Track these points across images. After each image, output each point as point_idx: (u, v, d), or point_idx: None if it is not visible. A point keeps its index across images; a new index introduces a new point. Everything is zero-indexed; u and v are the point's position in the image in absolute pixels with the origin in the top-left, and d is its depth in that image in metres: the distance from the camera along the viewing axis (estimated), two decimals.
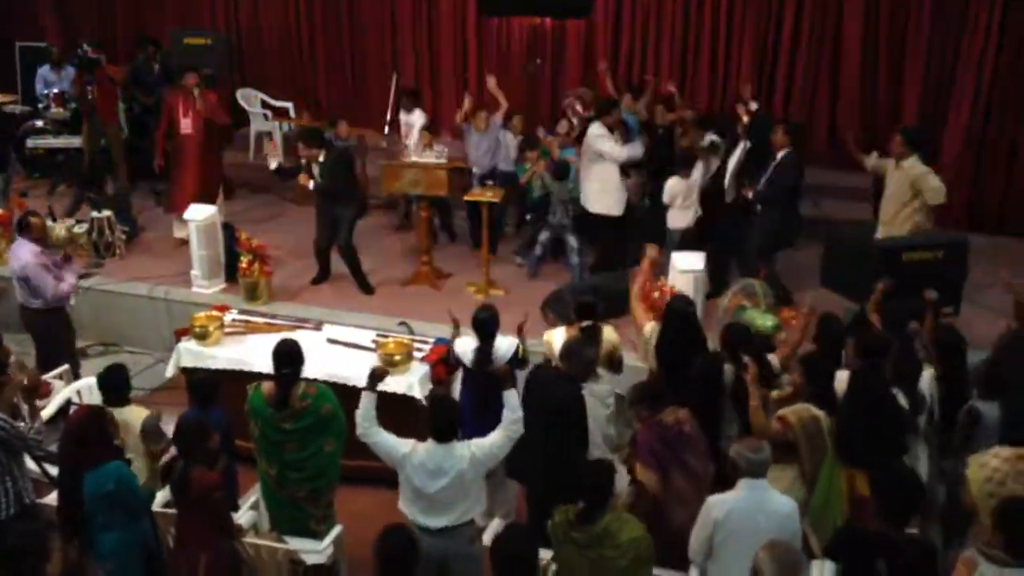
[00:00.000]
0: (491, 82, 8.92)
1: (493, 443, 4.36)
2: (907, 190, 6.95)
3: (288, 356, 4.76)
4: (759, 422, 4.70)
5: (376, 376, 4.52)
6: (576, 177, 8.40)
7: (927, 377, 5.04)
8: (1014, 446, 4.38)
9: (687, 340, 5.37)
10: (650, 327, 5.63)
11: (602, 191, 8.10)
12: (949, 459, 4.98)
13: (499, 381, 4.48)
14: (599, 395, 5.28)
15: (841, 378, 4.99)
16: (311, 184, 7.91)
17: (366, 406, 4.42)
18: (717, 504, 4.09)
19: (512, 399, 4.41)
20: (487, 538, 4.70)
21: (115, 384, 4.99)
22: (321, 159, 7.79)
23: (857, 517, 4.60)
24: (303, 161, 7.95)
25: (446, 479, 4.26)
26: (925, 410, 4.98)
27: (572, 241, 8.21)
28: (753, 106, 8.41)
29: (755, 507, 4.03)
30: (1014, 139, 9.26)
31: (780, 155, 7.46)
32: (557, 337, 5.53)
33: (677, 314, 5.49)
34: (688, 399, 4.82)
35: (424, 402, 5.82)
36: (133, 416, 4.95)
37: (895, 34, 9.61)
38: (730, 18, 10.27)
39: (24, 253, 6.41)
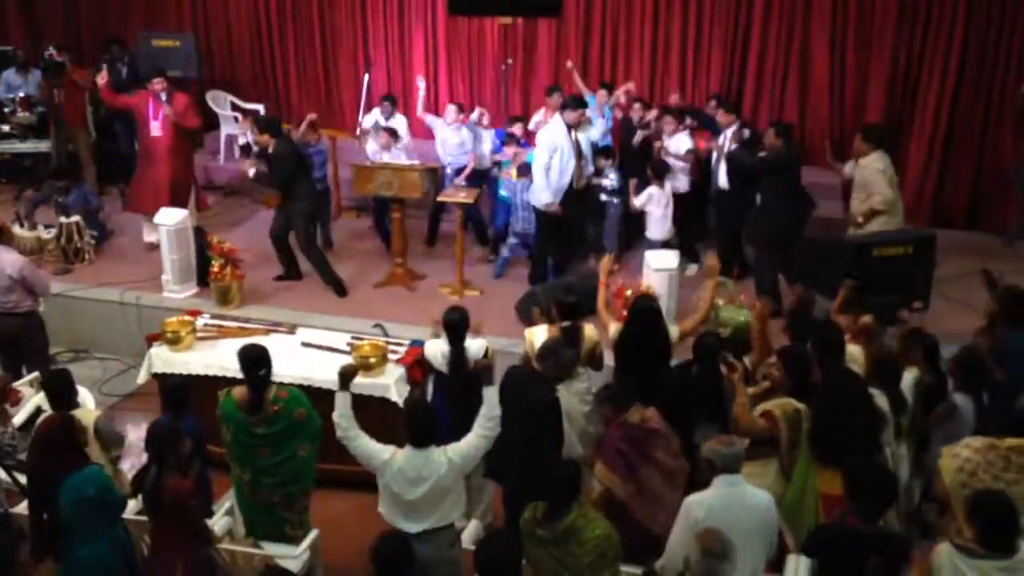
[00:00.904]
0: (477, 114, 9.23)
1: (470, 446, 4.35)
2: (861, 190, 7.14)
3: (258, 360, 4.72)
4: (746, 420, 4.71)
5: (347, 375, 4.49)
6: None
7: (908, 379, 5.04)
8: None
9: (652, 337, 5.36)
10: (615, 327, 5.59)
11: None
12: (927, 453, 5.02)
13: (479, 378, 4.46)
14: (578, 392, 5.29)
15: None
16: (251, 172, 7.91)
17: (342, 406, 4.39)
18: (696, 504, 4.10)
19: (492, 395, 4.40)
20: (466, 538, 4.70)
21: (61, 389, 4.91)
22: (271, 149, 7.77)
23: (828, 514, 4.64)
24: (255, 148, 7.95)
25: (426, 485, 4.24)
26: (907, 412, 4.97)
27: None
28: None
29: (733, 502, 4.06)
30: (980, 137, 9.40)
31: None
32: (539, 335, 5.50)
33: (642, 312, 5.47)
34: (657, 401, 4.84)
35: (401, 404, 5.80)
36: (83, 418, 4.88)
37: (861, 34, 9.71)
38: (699, 18, 10.34)
39: (11, 256, 6.45)
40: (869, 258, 6.31)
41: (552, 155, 7.73)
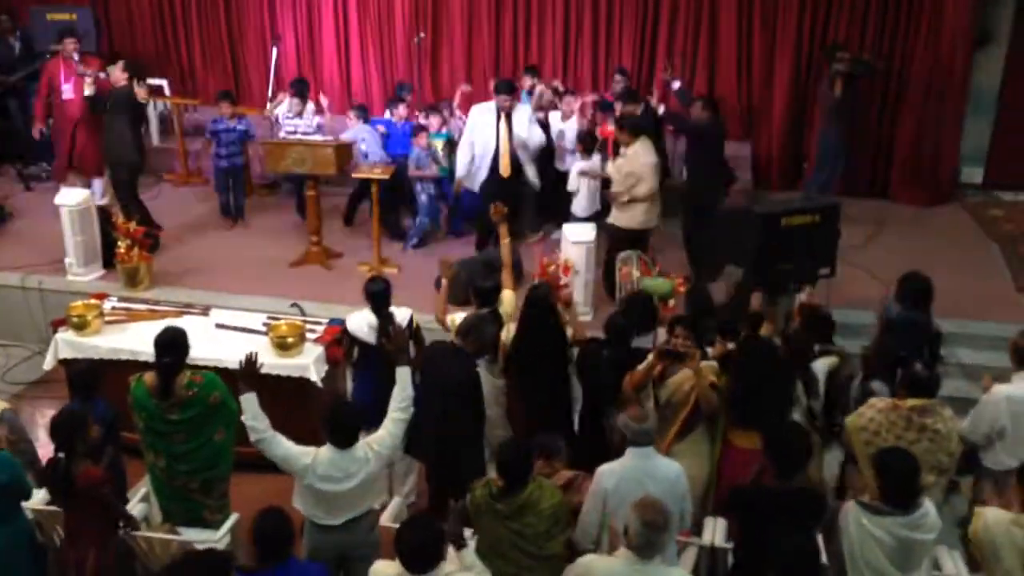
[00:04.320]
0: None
1: (389, 433, 4.33)
2: (628, 177, 7.10)
3: (169, 344, 4.60)
4: (712, 402, 4.83)
5: (248, 374, 4.24)
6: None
7: (823, 366, 5.15)
8: None
9: (546, 329, 5.29)
10: (504, 333, 5.41)
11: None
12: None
13: (393, 356, 4.38)
14: (496, 380, 5.31)
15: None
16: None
17: (250, 408, 4.20)
18: (606, 474, 4.17)
19: (404, 375, 4.34)
20: (387, 517, 4.68)
21: None
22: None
23: (733, 467, 4.79)
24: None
25: (354, 481, 4.19)
26: (818, 397, 5.06)
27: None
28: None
29: (643, 474, 4.13)
30: (880, 110, 9.76)
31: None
32: (459, 320, 5.45)
33: (536, 304, 5.31)
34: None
35: (320, 384, 5.75)
36: None
37: (767, 8, 9.90)
38: None
39: None
40: (778, 227, 6.46)
41: (471, 133, 7.89)
